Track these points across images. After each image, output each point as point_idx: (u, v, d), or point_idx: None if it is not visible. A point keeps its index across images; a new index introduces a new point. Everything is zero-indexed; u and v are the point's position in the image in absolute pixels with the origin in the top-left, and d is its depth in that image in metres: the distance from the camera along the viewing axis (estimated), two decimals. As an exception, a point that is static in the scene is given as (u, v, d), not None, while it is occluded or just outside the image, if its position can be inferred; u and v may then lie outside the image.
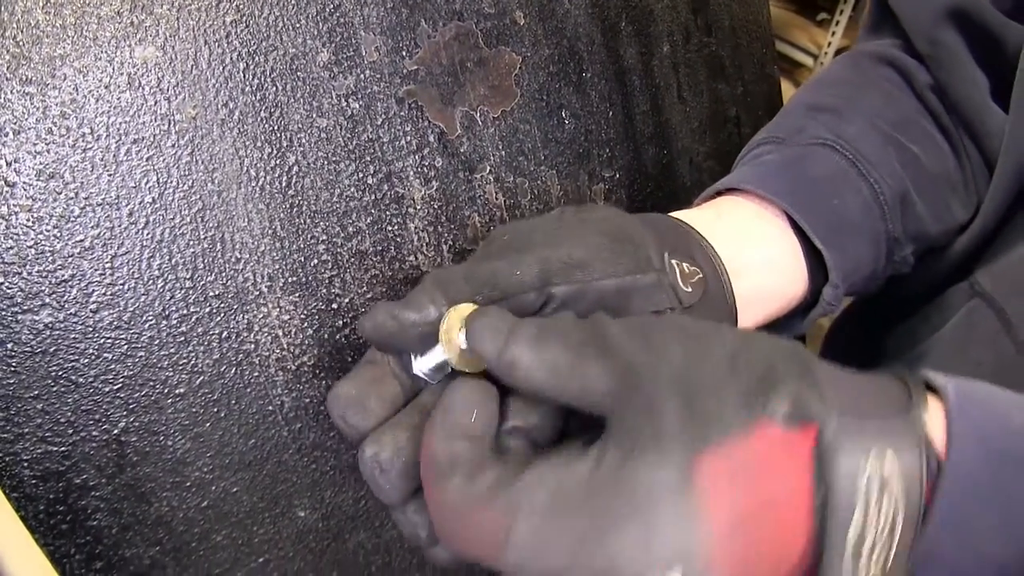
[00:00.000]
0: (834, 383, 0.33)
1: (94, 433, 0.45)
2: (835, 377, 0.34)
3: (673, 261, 0.45)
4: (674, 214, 0.50)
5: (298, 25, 0.48)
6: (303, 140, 0.48)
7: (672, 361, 0.33)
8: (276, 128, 0.47)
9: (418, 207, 0.53)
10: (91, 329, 0.44)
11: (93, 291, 0.43)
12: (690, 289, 0.44)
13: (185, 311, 0.46)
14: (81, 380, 0.44)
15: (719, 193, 0.55)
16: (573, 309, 0.41)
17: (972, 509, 0.32)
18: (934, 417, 0.33)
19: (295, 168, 0.48)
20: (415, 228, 0.53)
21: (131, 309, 0.44)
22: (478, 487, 0.33)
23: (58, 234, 0.42)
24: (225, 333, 0.47)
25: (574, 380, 0.33)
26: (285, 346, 0.49)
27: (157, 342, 0.45)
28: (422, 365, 0.40)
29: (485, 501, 0.32)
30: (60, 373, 0.43)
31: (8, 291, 0.41)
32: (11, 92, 0.41)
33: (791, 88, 1.97)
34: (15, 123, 0.41)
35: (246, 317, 0.48)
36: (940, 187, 0.57)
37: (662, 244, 0.45)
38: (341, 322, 0.51)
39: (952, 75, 0.56)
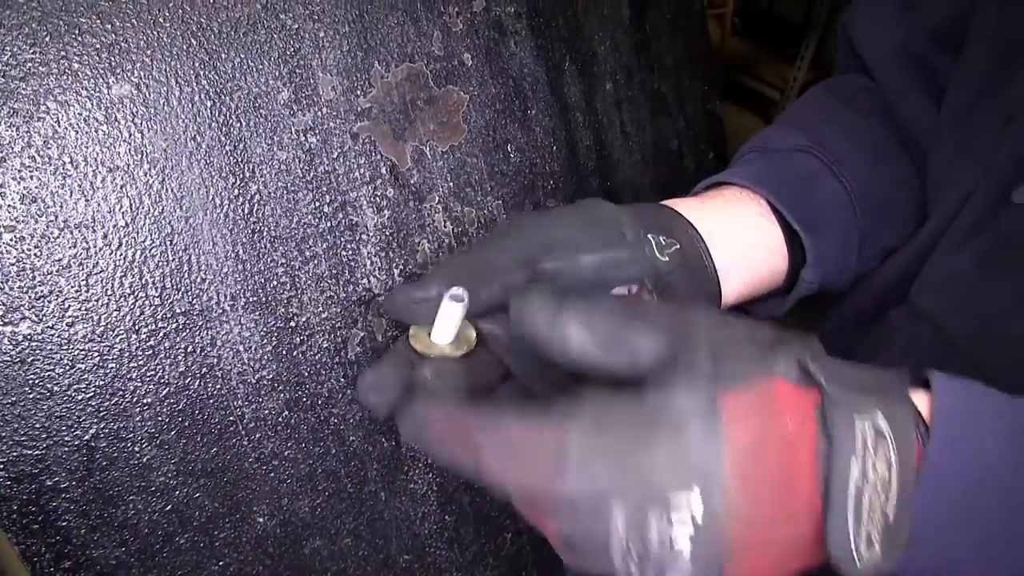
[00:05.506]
0: (834, 360, 0.38)
1: (66, 438, 0.47)
2: (835, 359, 0.39)
3: (649, 236, 0.49)
4: (662, 202, 0.54)
5: (261, 67, 0.52)
6: (264, 171, 0.52)
7: (702, 330, 0.37)
8: (240, 160, 0.51)
9: (371, 234, 0.57)
10: (66, 341, 0.47)
11: (69, 306, 0.47)
12: (666, 259, 0.49)
13: (154, 326, 0.49)
14: (56, 388, 0.47)
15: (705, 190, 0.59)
16: (561, 283, 0.45)
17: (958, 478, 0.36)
18: (923, 399, 0.38)
19: (257, 197, 0.52)
20: (368, 253, 0.57)
21: (104, 323, 0.48)
22: (530, 414, 0.36)
23: (38, 253, 0.46)
24: (190, 347, 0.51)
25: (624, 351, 0.37)
26: (246, 361, 0.53)
27: (127, 355, 0.49)
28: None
29: (540, 420, 0.35)
30: (36, 381, 0.46)
31: (-9, 305, 0.45)
32: (-1, 124, 0.44)
33: (759, 123, 2.02)
34: (1, 151, 0.44)
35: (210, 333, 0.51)
36: (905, 194, 0.62)
37: (637, 222, 0.49)
38: (298, 339, 0.54)
39: (903, 104, 0.62)
